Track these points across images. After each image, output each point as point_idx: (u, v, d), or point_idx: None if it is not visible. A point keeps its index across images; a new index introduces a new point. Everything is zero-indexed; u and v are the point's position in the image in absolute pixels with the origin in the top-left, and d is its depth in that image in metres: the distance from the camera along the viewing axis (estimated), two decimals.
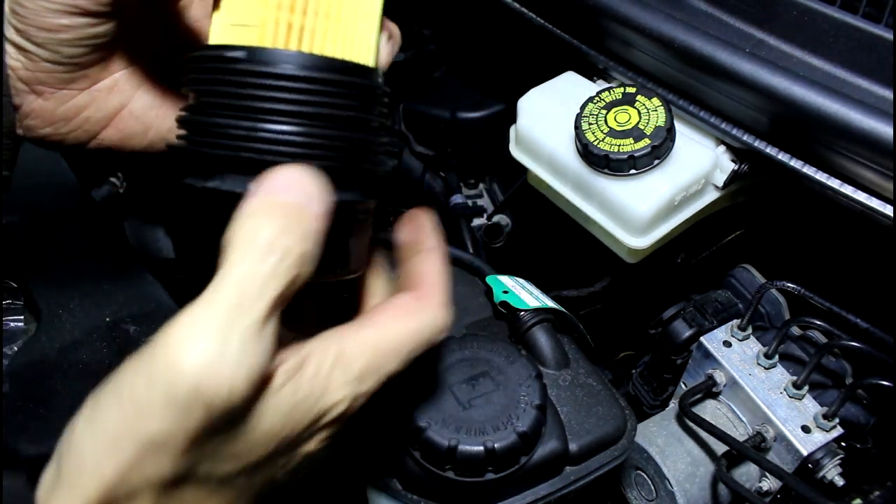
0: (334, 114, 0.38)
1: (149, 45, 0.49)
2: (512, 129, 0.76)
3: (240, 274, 0.31)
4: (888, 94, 0.53)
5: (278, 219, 0.33)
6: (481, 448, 0.51)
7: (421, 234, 0.46)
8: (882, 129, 0.50)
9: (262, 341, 0.32)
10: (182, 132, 0.39)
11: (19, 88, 0.45)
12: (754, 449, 0.64)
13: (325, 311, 0.49)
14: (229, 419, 0.32)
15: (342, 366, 0.37)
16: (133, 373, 0.31)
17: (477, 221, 1.07)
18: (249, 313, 0.31)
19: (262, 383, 0.33)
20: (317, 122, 0.37)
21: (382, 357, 0.39)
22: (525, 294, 0.66)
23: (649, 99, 0.64)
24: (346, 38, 0.39)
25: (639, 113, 0.64)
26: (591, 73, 0.76)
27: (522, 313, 0.64)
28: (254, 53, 0.36)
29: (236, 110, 0.36)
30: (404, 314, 0.40)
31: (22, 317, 0.78)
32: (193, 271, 0.36)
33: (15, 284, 0.78)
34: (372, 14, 0.40)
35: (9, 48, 0.43)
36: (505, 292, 0.65)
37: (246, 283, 0.31)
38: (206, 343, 0.30)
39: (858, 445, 0.65)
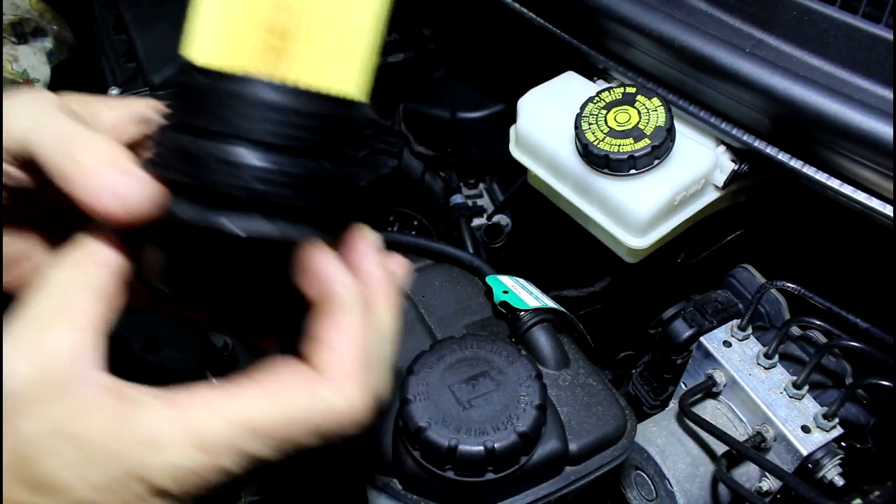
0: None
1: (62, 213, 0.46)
2: (512, 129, 0.76)
3: None
4: (888, 94, 0.53)
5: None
6: (481, 448, 0.51)
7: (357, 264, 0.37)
8: (882, 129, 0.50)
9: (51, 342, 0.33)
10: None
11: None
12: (754, 449, 0.63)
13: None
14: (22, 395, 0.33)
15: (188, 426, 0.32)
16: None
17: (477, 221, 1.07)
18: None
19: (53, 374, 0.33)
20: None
21: (244, 436, 0.32)
22: (525, 294, 0.66)
23: (649, 99, 0.64)
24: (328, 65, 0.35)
25: (639, 113, 0.64)
26: (591, 73, 0.76)
27: (522, 313, 0.64)
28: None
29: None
30: (292, 388, 0.34)
31: None
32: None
33: None
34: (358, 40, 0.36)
35: None
36: (505, 292, 0.65)
37: None
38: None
39: (858, 445, 0.65)
